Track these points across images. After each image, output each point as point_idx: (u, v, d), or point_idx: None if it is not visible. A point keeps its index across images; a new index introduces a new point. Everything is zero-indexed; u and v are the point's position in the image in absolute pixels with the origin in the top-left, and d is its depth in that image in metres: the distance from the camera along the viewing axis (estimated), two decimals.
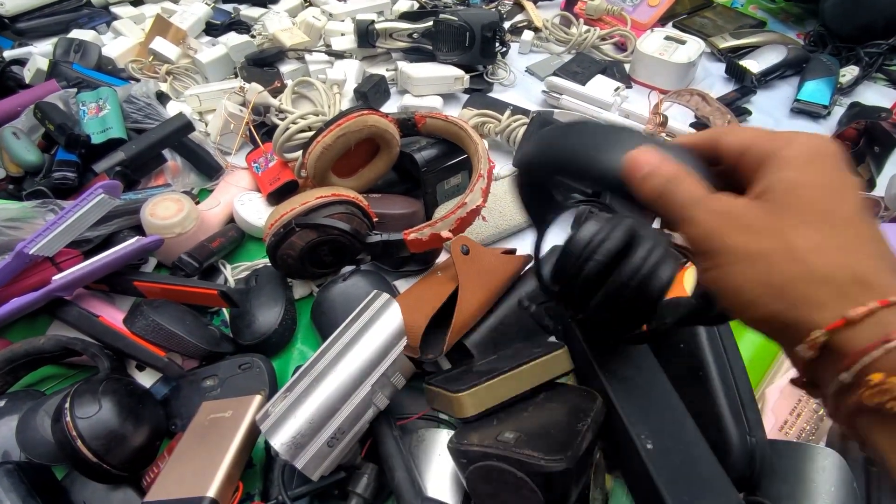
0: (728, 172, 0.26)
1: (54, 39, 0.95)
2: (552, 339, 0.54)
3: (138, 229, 0.62)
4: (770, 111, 0.93)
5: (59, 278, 0.52)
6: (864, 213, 0.23)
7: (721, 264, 0.23)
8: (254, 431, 0.46)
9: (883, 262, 0.22)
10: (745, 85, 0.96)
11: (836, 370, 0.21)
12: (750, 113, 0.91)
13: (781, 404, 0.49)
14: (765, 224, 0.23)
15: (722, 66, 1.01)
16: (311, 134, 0.63)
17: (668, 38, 0.96)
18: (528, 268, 0.59)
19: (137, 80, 0.89)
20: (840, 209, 0.23)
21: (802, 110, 0.92)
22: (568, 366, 0.45)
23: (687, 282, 0.55)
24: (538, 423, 0.38)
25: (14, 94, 0.76)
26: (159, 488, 0.42)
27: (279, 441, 0.39)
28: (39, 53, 0.88)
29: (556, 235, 0.41)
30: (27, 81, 0.83)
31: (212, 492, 0.41)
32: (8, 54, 0.89)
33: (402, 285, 0.61)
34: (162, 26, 0.94)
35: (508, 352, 0.48)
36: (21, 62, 0.86)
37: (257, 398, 0.48)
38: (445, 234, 0.54)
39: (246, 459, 0.45)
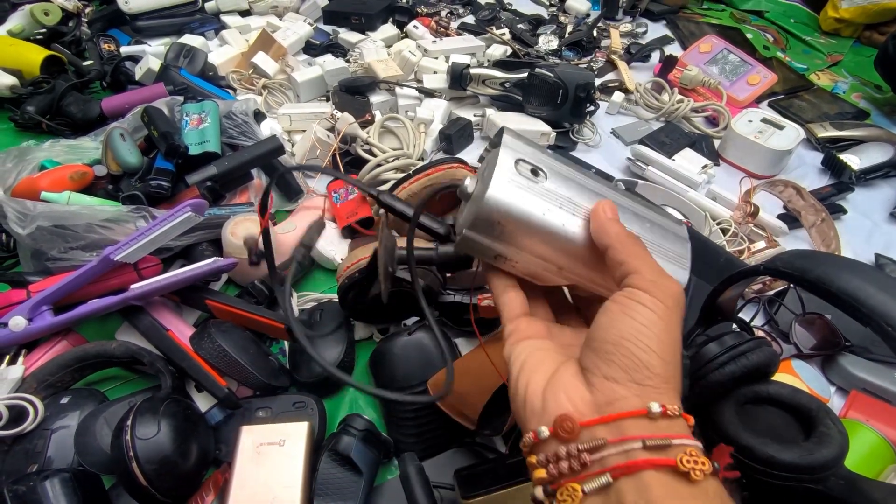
0: None
1: (166, 39, 1.01)
2: None
3: (217, 243, 0.64)
4: (867, 212, 0.88)
5: (136, 287, 0.54)
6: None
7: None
8: (313, 459, 0.47)
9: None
10: (842, 181, 0.91)
11: None
12: (845, 212, 0.86)
13: None
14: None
15: (818, 156, 0.96)
16: (398, 176, 0.63)
17: (764, 120, 0.93)
18: None
19: (234, 90, 0.93)
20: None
21: None
22: None
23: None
24: None
25: (126, 92, 0.81)
26: None
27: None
28: (152, 53, 0.93)
29: None
30: (136, 78, 0.87)
31: None
32: (125, 50, 0.95)
33: (463, 343, 0.59)
34: (265, 41, 0.98)
35: None
36: (134, 59, 0.91)
37: (306, 424, 0.48)
38: None
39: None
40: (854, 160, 0.92)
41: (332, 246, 0.67)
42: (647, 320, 0.27)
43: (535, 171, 0.32)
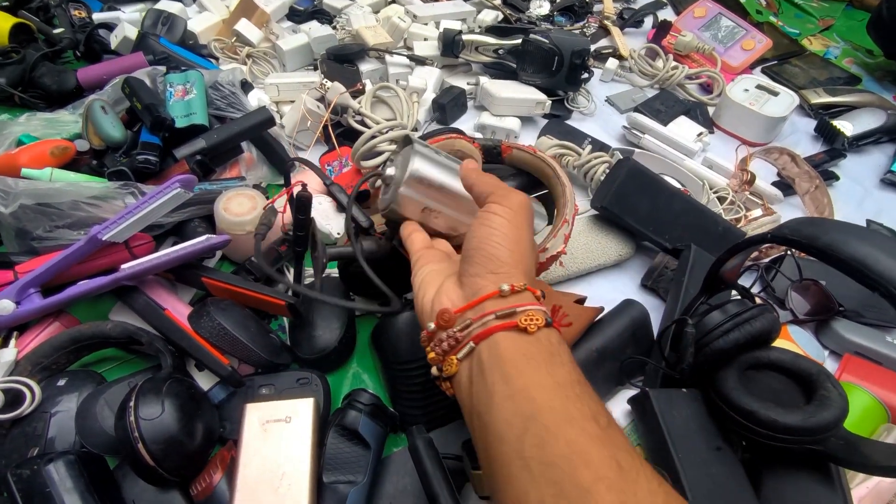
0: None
1: (140, 6, 0.96)
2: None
3: (209, 219, 0.62)
4: (859, 179, 0.88)
5: (127, 267, 0.52)
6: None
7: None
8: (320, 435, 0.47)
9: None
10: (834, 147, 0.91)
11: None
12: (837, 178, 0.87)
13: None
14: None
15: (811, 123, 0.96)
16: (393, 148, 0.62)
17: (759, 86, 0.92)
18: (598, 318, 0.57)
19: (217, 59, 0.89)
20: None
21: (895, 183, 0.87)
22: None
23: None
24: None
25: (103, 62, 0.77)
26: None
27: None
28: (127, 20, 0.88)
29: None
30: (112, 47, 0.83)
31: None
32: (97, 17, 0.90)
33: None
34: (247, 6, 0.93)
35: None
36: (108, 26, 0.86)
37: (312, 400, 0.47)
38: None
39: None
40: (847, 126, 0.92)
41: (328, 220, 0.66)
42: (497, 223, 0.36)
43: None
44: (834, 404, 0.43)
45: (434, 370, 0.36)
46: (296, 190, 0.50)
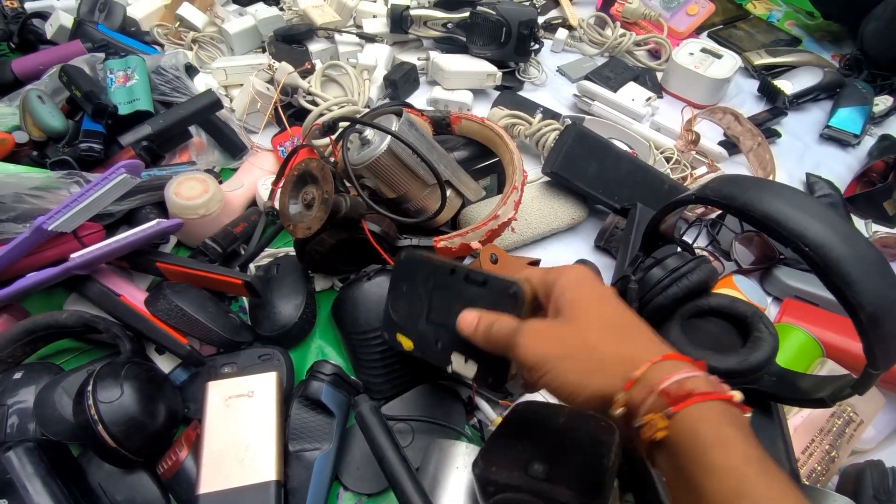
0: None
1: None
2: None
3: (161, 205, 0.61)
4: (800, 135, 0.92)
5: (77, 256, 0.52)
6: (625, 310, 0.34)
7: (548, 369, 0.31)
8: (284, 407, 0.48)
9: (644, 339, 0.32)
10: (776, 106, 0.95)
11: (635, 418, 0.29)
12: (779, 135, 0.90)
13: (794, 442, 0.49)
14: (564, 332, 0.32)
15: (754, 83, 1.00)
16: (345, 125, 0.62)
17: (704, 50, 0.95)
18: None
19: (161, 46, 0.87)
20: (608, 311, 0.33)
21: (832, 137, 0.91)
22: None
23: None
24: (564, 451, 0.38)
25: (38, 52, 0.74)
26: (210, 479, 0.43)
27: None
28: (62, 8, 0.85)
29: None
30: (48, 37, 0.80)
31: (274, 474, 0.43)
32: (30, 6, 0.86)
33: None
34: None
35: None
36: (42, 16, 0.83)
37: (274, 374, 0.48)
38: (475, 244, 0.54)
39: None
40: (787, 85, 0.96)
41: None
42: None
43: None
44: (765, 344, 0.46)
45: (647, 421, 0.28)
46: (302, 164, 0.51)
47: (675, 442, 0.28)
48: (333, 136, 0.58)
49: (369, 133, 0.52)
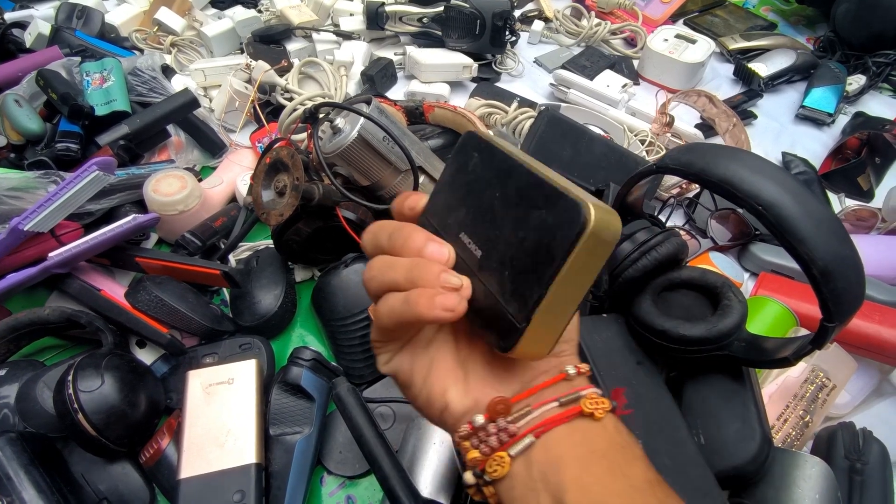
0: None
1: (56, 3, 0.93)
2: None
3: (141, 204, 0.62)
4: (775, 116, 0.93)
5: (55, 255, 0.52)
6: None
7: None
8: (264, 393, 0.49)
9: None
10: (752, 88, 0.96)
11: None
12: (755, 117, 0.91)
13: (769, 409, 0.50)
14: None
15: (730, 68, 1.01)
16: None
17: (678, 36, 0.96)
18: None
19: (141, 51, 0.88)
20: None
21: (807, 117, 0.92)
22: None
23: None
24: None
25: (15, 59, 0.75)
26: (190, 464, 0.43)
27: None
28: (41, 17, 0.86)
29: None
30: (28, 45, 0.81)
31: (255, 457, 0.44)
32: (9, 16, 0.87)
33: None
34: None
35: None
36: (22, 25, 0.84)
37: (254, 361, 0.49)
38: None
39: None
40: (762, 68, 0.97)
41: None
42: None
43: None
44: (734, 311, 0.47)
45: (469, 476, 0.27)
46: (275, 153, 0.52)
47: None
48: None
49: (340, 121, 0.52)
